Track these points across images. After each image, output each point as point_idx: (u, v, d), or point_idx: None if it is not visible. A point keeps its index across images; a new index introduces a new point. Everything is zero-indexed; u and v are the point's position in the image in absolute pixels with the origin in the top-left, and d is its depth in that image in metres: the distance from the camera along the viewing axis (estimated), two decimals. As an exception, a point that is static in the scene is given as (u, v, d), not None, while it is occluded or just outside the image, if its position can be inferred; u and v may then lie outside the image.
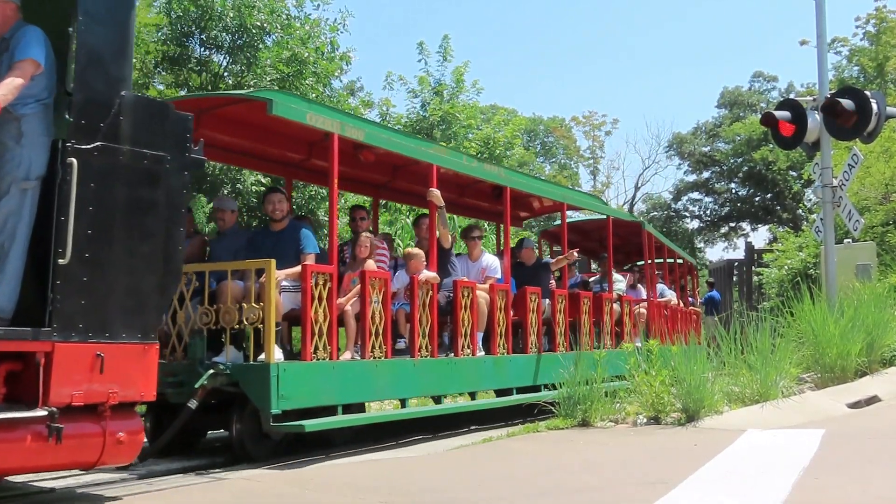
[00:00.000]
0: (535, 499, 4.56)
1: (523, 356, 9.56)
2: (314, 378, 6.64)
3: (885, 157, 16.66)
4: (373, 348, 7.27)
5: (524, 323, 9.58)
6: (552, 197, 11.35)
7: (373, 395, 7.59)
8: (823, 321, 8.68)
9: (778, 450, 5.72)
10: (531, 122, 40.32)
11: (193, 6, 14.55)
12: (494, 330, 9.00)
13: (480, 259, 9.45)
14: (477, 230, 9.81)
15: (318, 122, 6.97)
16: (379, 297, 7.38)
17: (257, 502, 4.96)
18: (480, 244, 9.70)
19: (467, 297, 8.51)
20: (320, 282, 6.74)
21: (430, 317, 7.99)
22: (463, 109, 20.42)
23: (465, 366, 8.48)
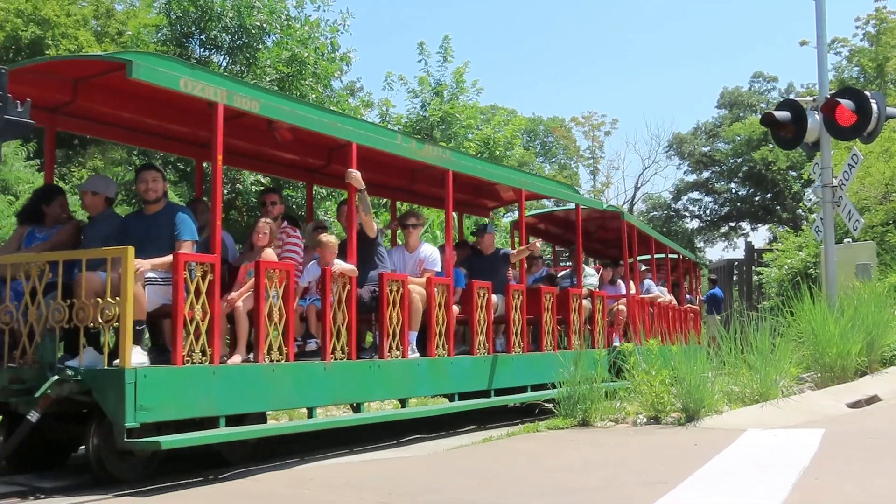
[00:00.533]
0: (535, 499, 4.56)
1: (469, 358, 8.55)
2: (187, 385, 5.63)
3: (885, 157, 16.64)
4: (270, 350, 6.29)
5: (471, 321, 8.61)
6: (507, 183, 10.12)
7: (270, 404, 6.49)
8: (823, 321, 8.69)
9: (778, 450, 5.72)
10: (531, 122, 40.34)
11: (193, 7, 14.56)
12: (432, 329, 7.99)
13: (418, 250, 8.47)
14: (413, 217, 8.72)
15: (198, 90, 5.89)
16: (278, 292, 6.40)
17: (257, 502, 4.96)
18: (418, 233, 8.64)
19: (396, 293, 7.57)
20: (198, 273, 5.80)
21: (348, 314, 7.03)
22: (463, 110, 20.42)
23: (393, 370, 7.50)
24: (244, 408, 6.15)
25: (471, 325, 8.64)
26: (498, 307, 9.14)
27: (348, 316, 7.04)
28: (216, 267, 5.94)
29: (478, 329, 8.66)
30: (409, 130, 19.81)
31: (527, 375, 9.30)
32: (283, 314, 6.42)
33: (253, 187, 13.67)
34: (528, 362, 9.36)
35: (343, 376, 7.01)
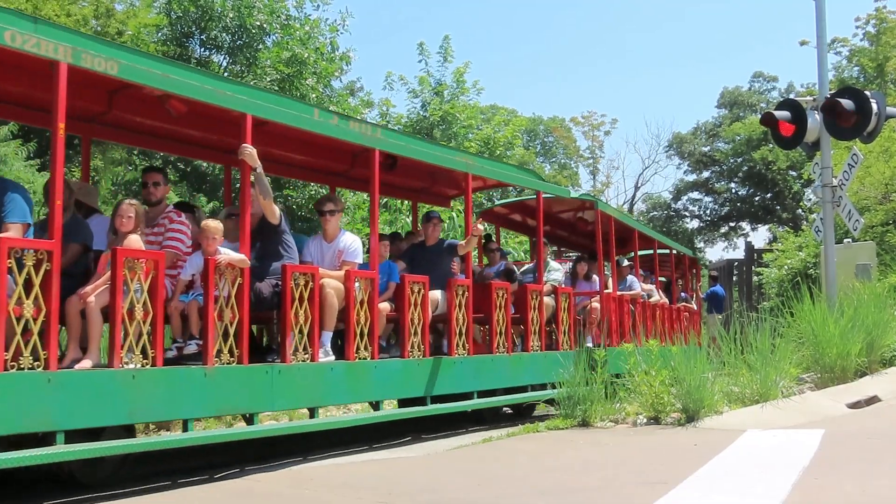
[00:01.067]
0: (535, 499, 4.56)
1: (399, 362, 7.58)
2: (11, 396, 4.71)
3: (885, 157, 16.64)
4: (130, 352, 5.41)
5: (402, 319, 7.66)
6: (450, 166, 8.81)
7: (130, 416, 5.41)
8: (823, 321, 8.68)
9: (778, 450, 5.73)
10: (531, 122, 40.36)
11: (193, 7, 14.58)
12: (351, 329, 7.00)
13: (337, 239, 7.46)
14: (330, 203, 7.59)
15: (31, 46, 4.97)
16: (143, 285, 5.50)
17: (257, 502, 4.97)
18: (337, 220, 7.56)
19: (304, 287, 6.61)
20: (29, 262, 4.89)
21: (238, 312, 6.08)
22: (463, 110, 20.44)
23: (297, 375, 6.51)
24: (92, 421, 5.17)
25: (401, 325, 7.64)
26: (439, 304, 8.23)
27: (239, 313, 6.07)
28: (55, 255, 5.03)
29: (410, 329, 7.64)
30: (410, 130, 19.83)
31: (474, 381, 8.45)
32: (150, 311, 5.52)
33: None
34: (475, 366, 8.46)
35: (230, 383, 5.98)
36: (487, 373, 8.65)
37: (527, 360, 9.28)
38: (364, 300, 7.20)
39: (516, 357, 9.11)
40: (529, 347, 9.37)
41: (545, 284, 9.99)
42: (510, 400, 9.24)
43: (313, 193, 14.82)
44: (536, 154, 40.66)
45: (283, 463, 6.30)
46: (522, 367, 9.20)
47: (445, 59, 21.11)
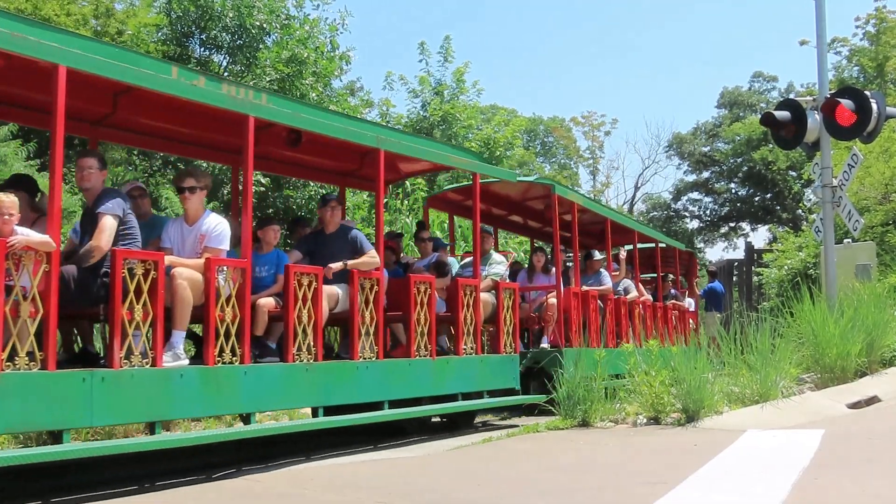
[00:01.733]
0: (535, 499, 4.56)
1: (278, 367, 6.48)
2: None
3: (885, 157, 16.65)
4: None
5: (286, 318, 6.58)
6: (353, 139, 7.55)
7: None
8: (823, 321, 8.69)
9: (778, 450, 5.73)
10: (531, 122, 40.36)
11: (193, 6, 14.58)
12: (211, 328, 5.93)
13: (200, 221, 6.36)
14: (190, 178, 6.46)
15: None
16: None
17: (257, 502, 4.96)
18: (200, 199, 6.46)
19: (143, 277, 5.52)
20: None
21: (43, 306, 4.98)
22: (463, 110, 20.45)
23: (131, 383, 5.40)
24: None
25: (286, 324, 6.60)
26: (339, 300, 7.20)
27: (44, 308, 4.99)
28: None
29: (296, 329, 6.56)
30: (410, 130, 19.84)
31: (381, 389, 7.36)
32: None
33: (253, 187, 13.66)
34: (385, 372, 7.39)
35: (28, 393, 4.88)
36: (402, 380, 7.59)
37: (456, 366, 8.22)
38: (232, 294, 6.09)
39: (442, 362, 8.02)
40: (461, 350, 8.27)
41: (485, 279, 9.05)
42: (429, 411, 8.00)
43: (313, 194, 14.81)
44: (536, 154, 40.68)
45: (283, 463, 6.30)
46: (450, 374, 8.14)
47: (446, 59, 21.13)
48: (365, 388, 7.20)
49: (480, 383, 8.50)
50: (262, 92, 7.57)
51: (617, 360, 9.17)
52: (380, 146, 7.56)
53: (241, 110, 6.35)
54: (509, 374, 8.92)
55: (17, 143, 13.05)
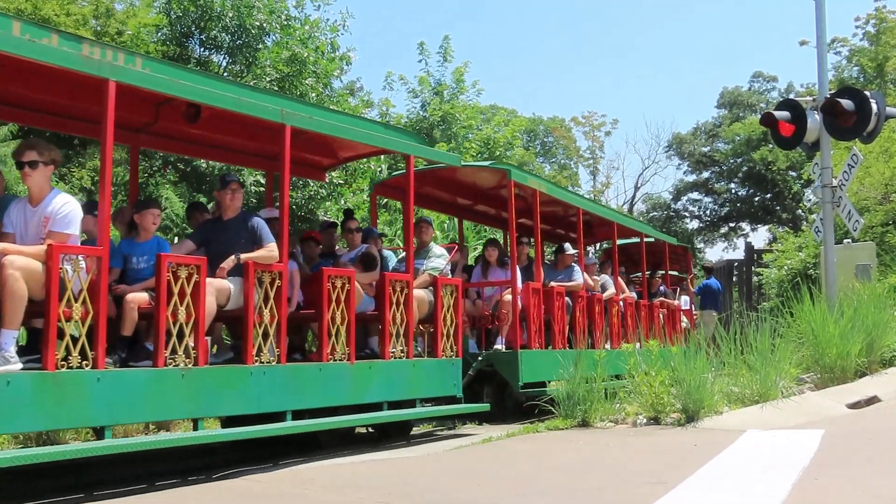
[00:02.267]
0: (535, 499, 4.56)
1: (147, 372, 5.57)
2: None
3: (885, 158, 16.66)
4: None
5: (157, 316, 5.66)
6: (261, 115, 6.63)
7: None
8: (823, 321, 8.69)
9: (778, 450, 5.73)
10: (531, 122, 40.36)
11: (193, 6, 14.58)
12: (51, 328, 5.01)
13: (46, 202, 5.44)
14: (32, 151, 5.47)
15: None
16: None
17: (257, 502, 4.97)
18: (44, 175, 5.50)
19: None
20: None
21: None
22: (463, 110, 20.46)
23: None
24: None
25: (156, 322, 5.70)
26: (231, 297, 6.38)
27: None
28: None
29: (169, 328, 5.68)
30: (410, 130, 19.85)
31: (283, 398, 6.39)
32: None
33: (253, 187, 13.66)
34: (286, 378, 6.43)
35: None
36: (311, 387, 6.67)
37: (381, 371, 7.28)
38: (83, 288, 5.23)
39: (362, 367, 7.10)
40: (387, 354, 7.35)
41: (422, 274, 8.19)
42: (342, 422, 6.98)
43: (312, 194, 14.80)
44: (536, 154, 40.68)
45: (284, 463, 6.30)
46: (374, 380, 7.22)
47: (445, 58, 21.14)
48: (262, 397, 6.25)
49: (413, 390, 7.64)
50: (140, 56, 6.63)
51: (588, 363, 8.47)
52: (285, 121, 6.59)
53: (99, 73, 5.43)
54: (449, 380, 8.06)
55: (18, 144, 13.06)
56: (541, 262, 10.51)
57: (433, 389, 7.91)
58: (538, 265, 10.21)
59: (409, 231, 8.08)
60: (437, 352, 8.00)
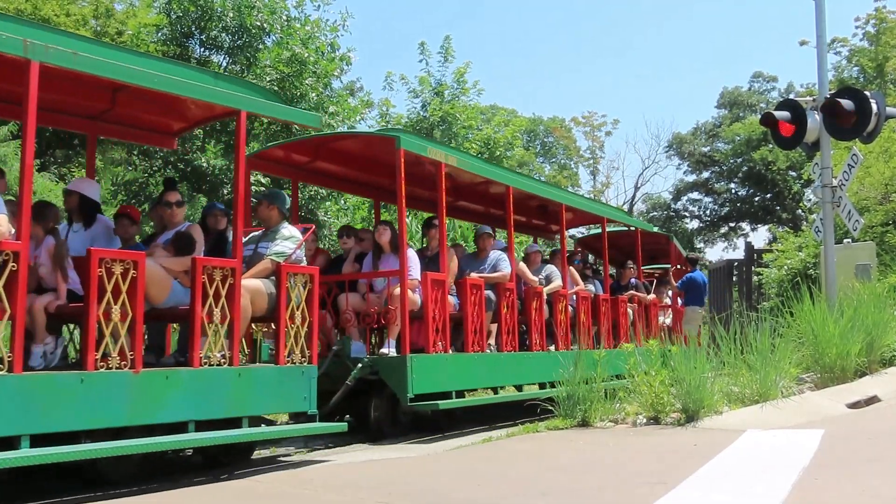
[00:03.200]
0: (535, 499, 4.56)
1: None
2: None
3: (885, 158, 16.66)
4: None
5: None
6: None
7: None
8: (823, 321, 8.68)
9: (778, 450, 5.73)
10: (531, 122, 40.37)
11: (193, 6, 14.58)
12: None
13: None
14: None
15: None
16: None
17: (257, 502, 4.97)
18: None
19: None
20: None
21: None
22: (463, 110, 20.45)
23: None
24: None
25: None
26: None
27: None
28: None
29: None
30: (410, 130, 19.83)
31: (16, 420, 4.75)
32: None
33: (253, 187, 13.67)
34: (20, 393, 4.79)
35: None
36: (64, 405, 5.04)
37: (185, 382, 5.71)
38: None
39: (154, 377, 5.56)
40: (196, 360, 5.83)
41: (265, 260, 6.70)
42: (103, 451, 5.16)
43: (312, 194, 14.80)
44: (536, 154, 40.69)
45: (284, 463, 6.30)
46: (172, 394, 5.64)
47: (446, 59, 21.13)
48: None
49: (238, 406, 6.06)
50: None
51: (519, 368, 7.75)
52: (31, 56, 5.06)
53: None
54: (296, 392, 6.49)
55: (18, 144, 13.06)
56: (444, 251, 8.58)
57: (272, 404, 6.43)
58: (442, 253, 8.45)
59: (238, 208, 6.46)
60: (279, 358, 6.46)
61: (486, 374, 8.28)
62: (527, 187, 10.31)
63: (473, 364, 7.88)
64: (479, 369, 7.72)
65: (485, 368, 7.91)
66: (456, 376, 7.84)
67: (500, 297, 9.15)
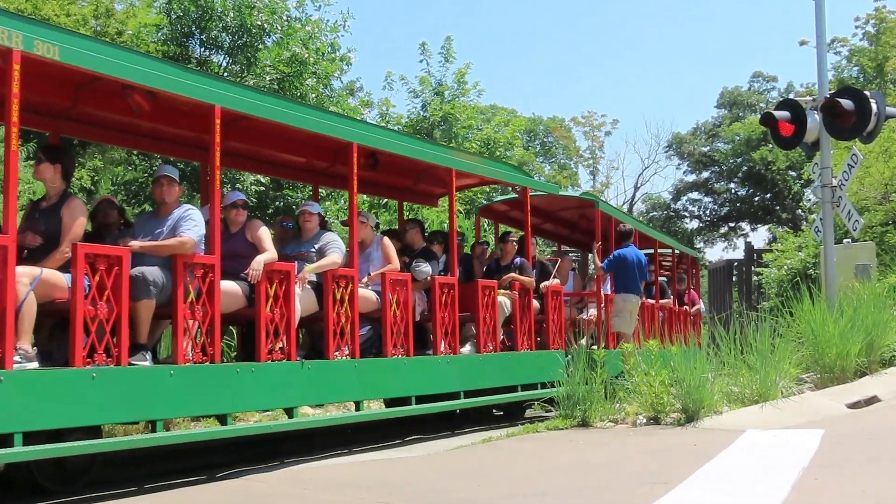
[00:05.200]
0: (535, 499, 4.57)
1: None
2: None
3: (885, 158, 16.66)
4: None
5: None
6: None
7: None
8: (823, 321, 8.69)
9: (778, 450, 5.73)
10: (531, 122, 40.35)
11: (193, 6, 14.57)
12: None
13: None
14: None
15: None
16: None
17: (257, 502, 4.97)
18: None
19: None
20: None
21: None
22: (463, 110, 20.46)
23: None
24: None
25: None
26: None
27: None
28: None
29: None
30: (410, 130, 19.82)
31: None
32: None
33: (253, 187, 13.67)
34: None
35: None
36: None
37: None
38: None
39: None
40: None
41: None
42: None
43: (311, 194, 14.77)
44: (536, 154, 40.67)
45: (283, 463, 6.30)
46: None
47: (447, 59, 21.14)
48: None
49: None
50: None
51: None
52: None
53: None
54: None
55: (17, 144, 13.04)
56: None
57: None
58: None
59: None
60: None
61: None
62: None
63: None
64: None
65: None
66: None
67: None
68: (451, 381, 8.31)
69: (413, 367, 7.84)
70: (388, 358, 7.58)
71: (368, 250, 8.14)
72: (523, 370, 9.30)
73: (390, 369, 7.59)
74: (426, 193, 10.63)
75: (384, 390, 7.79)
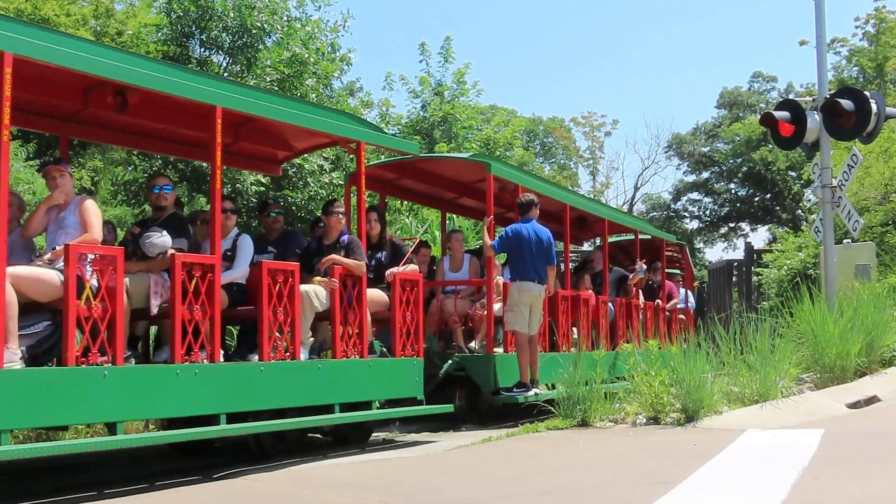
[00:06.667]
0: (535, 499, 4.57)
1: None
2: None
3: (885, 158, 16.65)
4: None
5: None
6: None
7: None
8: (823, 321, 8.69)
9: (777, 450, 5.73)
10: (531, 122, 40.36)
11: (193, 6, 14.56)
12: None
13: None
14: None
15: None
16: None
17: (257, 502, 4.97)
18: None
19: None
20: None
21: None
22: (463, 110, 20.46)
23: None
24: None
25: None
26: None
27: None
28: None
29: None
30: (410, 130, 19.83)
31: None
32: None
33: (253, 187, 13.67)
34: None
35: None
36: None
37: None
38: None
39: None
40: None
41: None
42: None
43: (312, 194, 14.78)
44: (536, 154, 40.66)
45: (283, 463, 6.30)
46: None
47: (446, 59, 21.15)
48: None
49: None
50: None
51: None
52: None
53: None
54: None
55: (17, 144, 13.05)
56: None
57: None
58: None
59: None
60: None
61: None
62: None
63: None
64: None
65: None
66: None
67: None
68: (198, 401, 5.77)
69: (123, 379, 5.29)
70: (72, 367, 5.02)
71: (64, 213, 5.88)
72: (343, 384, 6.89)
73: (81, 381, 5.06)
74: (253, 156, 8.37)
75: (54, 415, 5.02)
